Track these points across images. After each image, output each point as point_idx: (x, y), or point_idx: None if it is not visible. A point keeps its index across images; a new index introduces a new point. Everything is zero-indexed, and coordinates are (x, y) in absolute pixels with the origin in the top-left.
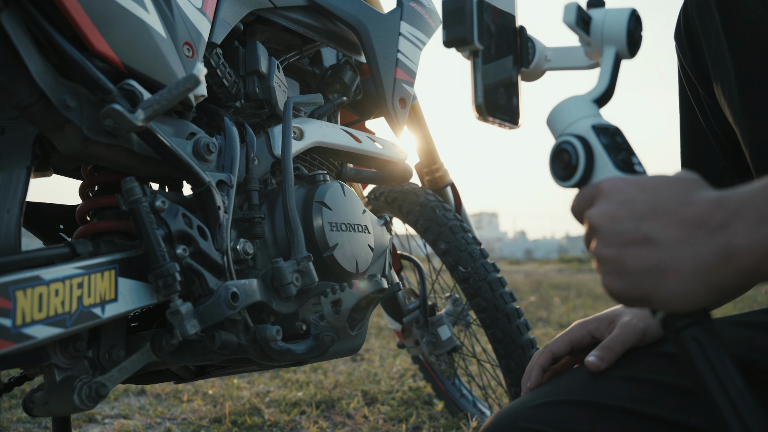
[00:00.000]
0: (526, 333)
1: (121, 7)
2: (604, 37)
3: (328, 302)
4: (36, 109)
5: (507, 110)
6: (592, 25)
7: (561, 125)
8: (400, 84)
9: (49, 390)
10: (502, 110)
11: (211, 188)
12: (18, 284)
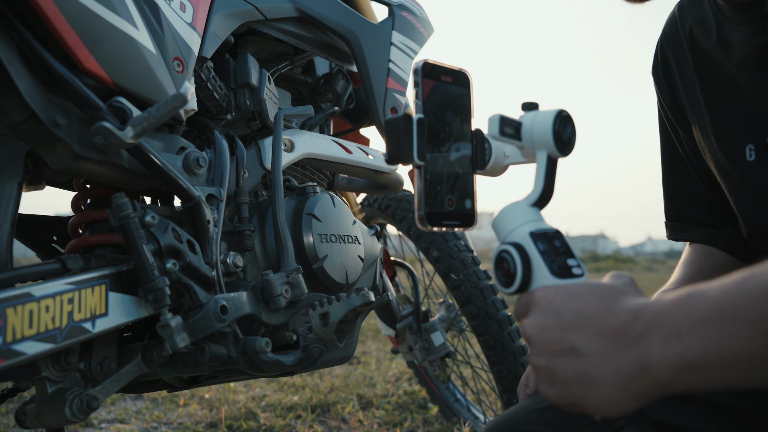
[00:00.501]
0: (518, 340)
1: (111, 24)
2: (534, 142)
3: (316, 315)
4: (26, 127)
5: (457, 215)
6: (522, 131)
7: (503, 232)
8: (391, 94)
9: (41, 402)
10: (450, 216)
11: (200, 203)
12: (8, 301)
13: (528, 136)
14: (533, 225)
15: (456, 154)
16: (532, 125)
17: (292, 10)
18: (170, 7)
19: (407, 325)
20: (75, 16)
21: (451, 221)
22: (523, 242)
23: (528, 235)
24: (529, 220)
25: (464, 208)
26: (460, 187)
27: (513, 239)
